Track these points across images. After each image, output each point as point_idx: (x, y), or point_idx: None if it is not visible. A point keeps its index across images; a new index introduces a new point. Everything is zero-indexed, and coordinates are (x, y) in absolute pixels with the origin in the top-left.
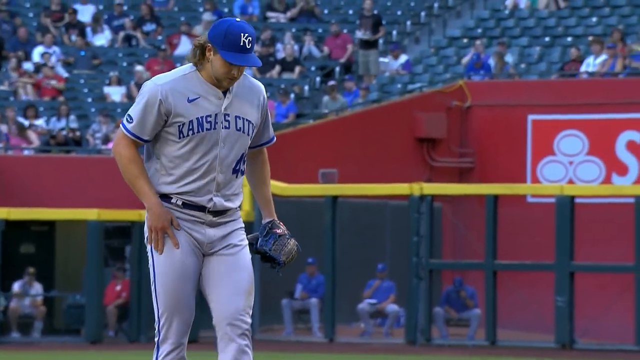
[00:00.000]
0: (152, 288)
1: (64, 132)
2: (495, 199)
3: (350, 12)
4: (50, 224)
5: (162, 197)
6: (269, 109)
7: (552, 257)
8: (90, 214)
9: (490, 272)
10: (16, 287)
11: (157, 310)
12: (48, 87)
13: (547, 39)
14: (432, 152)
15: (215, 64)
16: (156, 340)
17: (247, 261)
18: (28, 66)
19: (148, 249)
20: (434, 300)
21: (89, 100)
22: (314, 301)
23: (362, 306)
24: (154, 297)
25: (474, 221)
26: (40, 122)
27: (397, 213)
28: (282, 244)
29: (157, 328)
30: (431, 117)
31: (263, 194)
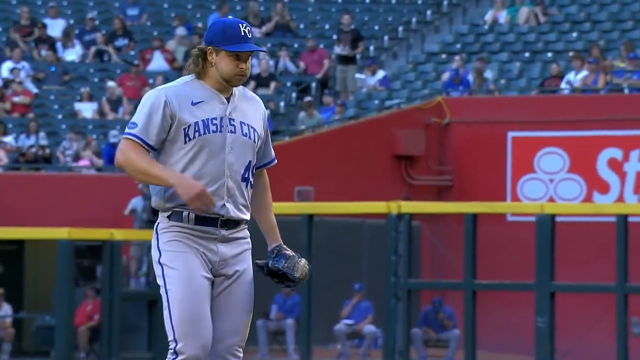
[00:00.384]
0: (167, 311)
1: (34, 150)
2: (475, 217)
3: (327, 26)
4: (19, 243)
5: (174, 213)
6: None
7: (532, 276)
8: (61, 233)
9: (470, 292)
10: None
11: (172, 334)
12: (11, 103)
13: (527, 54)
14: (410, 169)
15: (221, 63)
16: None
17: (251, 293)
18: None
19: (159, 270)
20: (412, 321)
21: (60, 116)
22: (289, 322)
23: (339, 327)
24: (169, 320)
25: (453, 240)
26: (9, 139)
27: (375, 232)
28: (293, 262)
29: (172, 350)
30: (409, 134)
31: (268, 219)
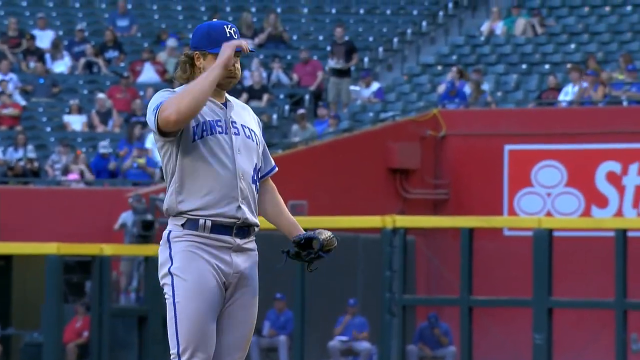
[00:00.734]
0: (172, 322)
1: (22, 163)
2: (471, 232)
3: (321, 38)
4: (7, 259)
5: (189, 222)
6: None
7: (529, 292)
8: (49, 248)
9: (466, 308)
10: None
11: (177, 347)
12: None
13: (524, 66)
14: (405, 183)
15: (209, 66)
16: None
17: (256, 308)
18: None
19: (169, 280)
20: (408, 338)
21: (48, 129)
22: (282, 338)
23: (333, 344)
24: (174, 332)
25: (448, 255)
26: None
27: (369, 247)
28: (318, 231)
29: None
30: (404, 147)
31: (287, 218)
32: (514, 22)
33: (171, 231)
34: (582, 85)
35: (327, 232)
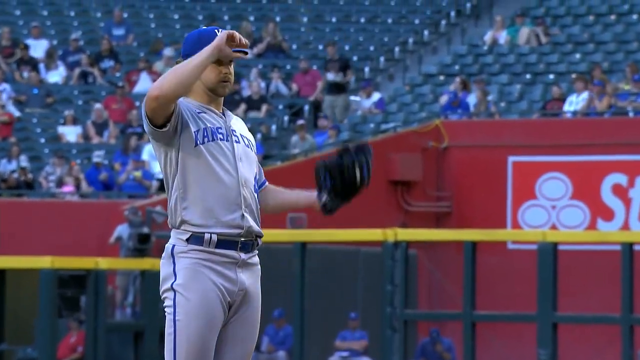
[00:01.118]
0: (171, 339)
1: (16, 175)
2: (474, 245)
3: (320, 47)
4: (0, 273)
5: (193, 236)
6: None
7: (534, 307)
8: (43, 262)
9: (469, 323)
10: None
11: None
12: None
13: (528, 76)
14: (407, 195)
15: (203, 73)
16: None
17: (258, 324)
18: None
19: (171, 295)
20: (409, 353)
21: (42, 140)
22: (281, 354)
23: (333, 359)
24: (172, 350)
25: (451, 269)
26: None
27: (370, 260)
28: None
29: None
30: (406, 159)
31: (292, 192)
32: (518, 31)
33: (175, 245)
34: (585, 95)
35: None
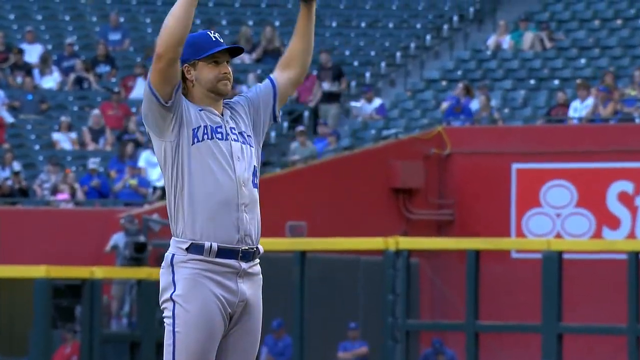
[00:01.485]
0: (170, 350)
1: (9, 182)
2: (477, 254)
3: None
4: None
5: (193, 246)
6: None
7: (538, 317)
8: (38, 271)
9: (472, 333)
10: None
11: None
12: None
13: (532, 81)
14: (408, 203)
15: (201, 75)
16: None
17: (259, 334)
18: None
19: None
20: None
21: (37, 147)
22: None
23: None
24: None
25: (454, 278)
26: None
27: (371, 269)
28: None
29: None
30: (408, 166)
31: (295, 32)
32: (522, 36)
33: (175, 255)
34: (590, 102)
35: None
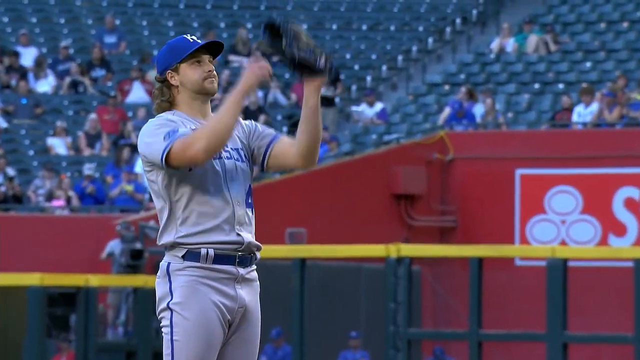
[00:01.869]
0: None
1: (3, 188)
2: (480, 261)
3: None
4: None
5: (189, 253)
6: None
7: (543, 326)
8: (32, 279)
9: (475, 342)
10: None
11: None
12: None
13: (536, 85)
14: (410, 209)
15: (186, 77)
16: None
17: (257, 343)
18: None
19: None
20: None
21: (31, 152)
22: None
23: None
24: None
25: (456, 286)
26: None
27: (372, 277)
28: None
29: None
30: (409, 172)
31: (300, 121)
32: (526, 39)
33: (170, 263)
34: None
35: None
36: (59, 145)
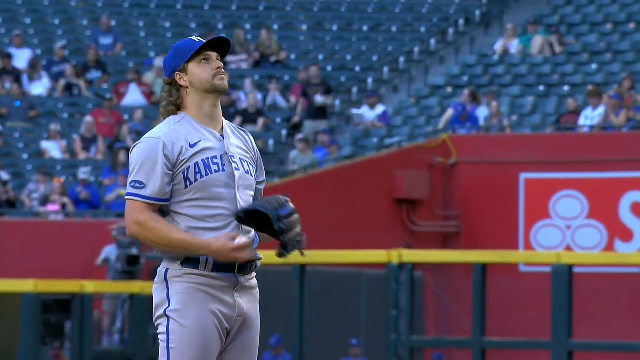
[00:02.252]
0: None
1: None
2: (484, 267)
3: (321, 57)
4: None
5: (187, 260)
6: None
7: (548, 333)
8: (26, 285)
9: (479, 350)
10: None
11: None
12: None
13: (541, 88)
14: (412, 214)
15: (195, 76)
16: None
17: (256, 351)
18: None
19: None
20: None
21: (25, 156)
22: None
23: None
24: None
25: (459, 292)
26: None
27: (373, 283)
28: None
29: None
30: (411, 176)
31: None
32: (531, 40)
33: (169, 269)
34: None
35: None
36: (53, 148)
